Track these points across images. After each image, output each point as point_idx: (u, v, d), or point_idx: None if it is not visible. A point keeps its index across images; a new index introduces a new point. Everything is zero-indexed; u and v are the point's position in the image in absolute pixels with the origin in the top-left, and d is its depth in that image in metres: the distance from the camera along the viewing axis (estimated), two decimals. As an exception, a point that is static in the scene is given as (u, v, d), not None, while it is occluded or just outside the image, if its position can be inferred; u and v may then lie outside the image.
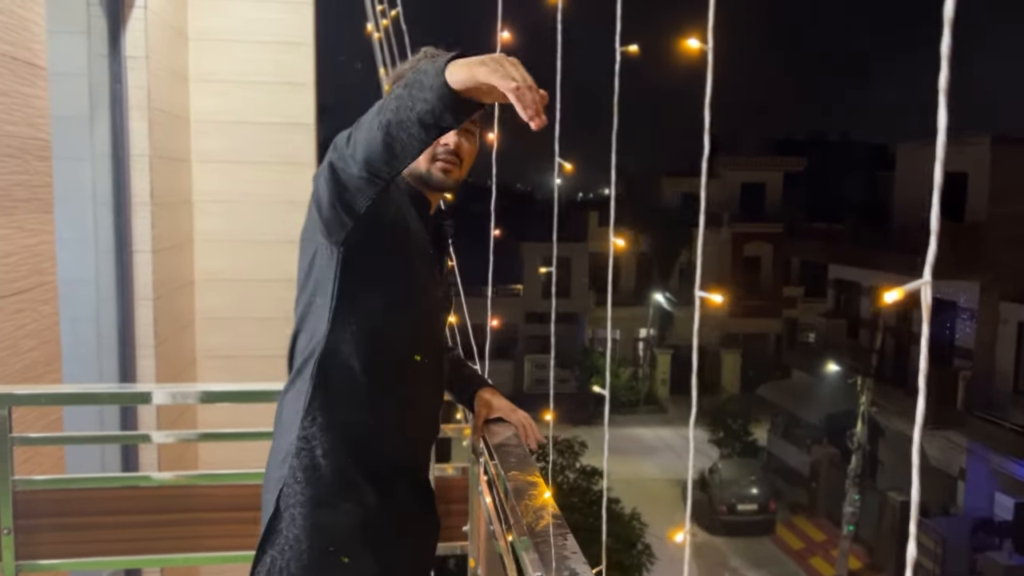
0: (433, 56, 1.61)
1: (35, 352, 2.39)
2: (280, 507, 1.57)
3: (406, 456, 1.73)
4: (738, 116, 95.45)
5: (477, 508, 2.13)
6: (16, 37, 2.30)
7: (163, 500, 2.15)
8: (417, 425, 1.75)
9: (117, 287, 3.67)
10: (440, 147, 1.63)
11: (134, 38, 3.66)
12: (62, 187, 3.14)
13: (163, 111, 3.90)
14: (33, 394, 2.07)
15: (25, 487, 2.03)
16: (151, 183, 3.70)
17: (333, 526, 1.57)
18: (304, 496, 1.56)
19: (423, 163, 1.64)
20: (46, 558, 2.05)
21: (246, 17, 4.44)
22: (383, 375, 1.61)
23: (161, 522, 2.13)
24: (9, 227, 2.25)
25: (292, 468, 1.57)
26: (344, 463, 1.58)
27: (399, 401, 1.66)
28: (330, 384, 1.58)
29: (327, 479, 1.57)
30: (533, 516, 1.32)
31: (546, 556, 1.24)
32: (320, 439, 1.57)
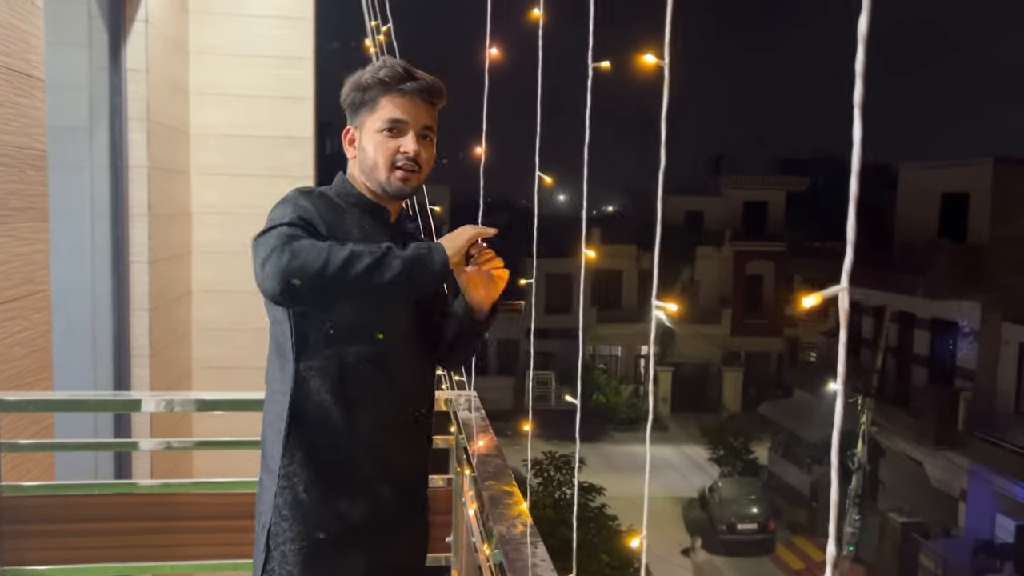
0: (388, 79, 1.64)
1: (26, 360, 2.41)
2: (271, 547, 1.60)
3: (391, 473, 1.71)
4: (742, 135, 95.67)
5: (460, 519, 2.14)
6: (13, 48, 2.34)
7: (151, 508, 2.16)
8: (402, 439, 1.72)
9: (113, 297, 3.70)
10: (400, 155, 1.64)
11: (135, 51, 3.71)
12: (60, 197, 3.18)
13: (162, 123, 3.94)
14: (22, 400, 2.09)
15: (12, 493, 2.04)
16: (149, 194, 3.73)
17: (322, 556, 1.59)
18: (292, 532, 1.59)
19: (383, 172, 1.65)
20: (32, 564, 2.06)
21: (246, 32, 4.49)
22: (357, 400, 1.61)
23: (149, 529, 2.15)
24: (3, 235, 2.27)
25: (277, 507, 1.60)
26: (326, 494, 1.60)
27: (377, 424, 1.65)
28: (304, 418, 1.60)
29: (312, 512, 1.59)
30: (507, 526, 1.33)
31: (517, 566, 1.26)
32: (301, 475, 1.59)
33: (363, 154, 1.67)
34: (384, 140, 1.64)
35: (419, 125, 1.66)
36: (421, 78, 1.67)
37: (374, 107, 1.65)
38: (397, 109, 1.64)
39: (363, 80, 1.67)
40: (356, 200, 1.69)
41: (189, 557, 2.18)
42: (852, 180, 0.55)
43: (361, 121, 1.68)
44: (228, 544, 2.15)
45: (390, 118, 1.64)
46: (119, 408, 2.72)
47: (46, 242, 2.60)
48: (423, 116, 1.67)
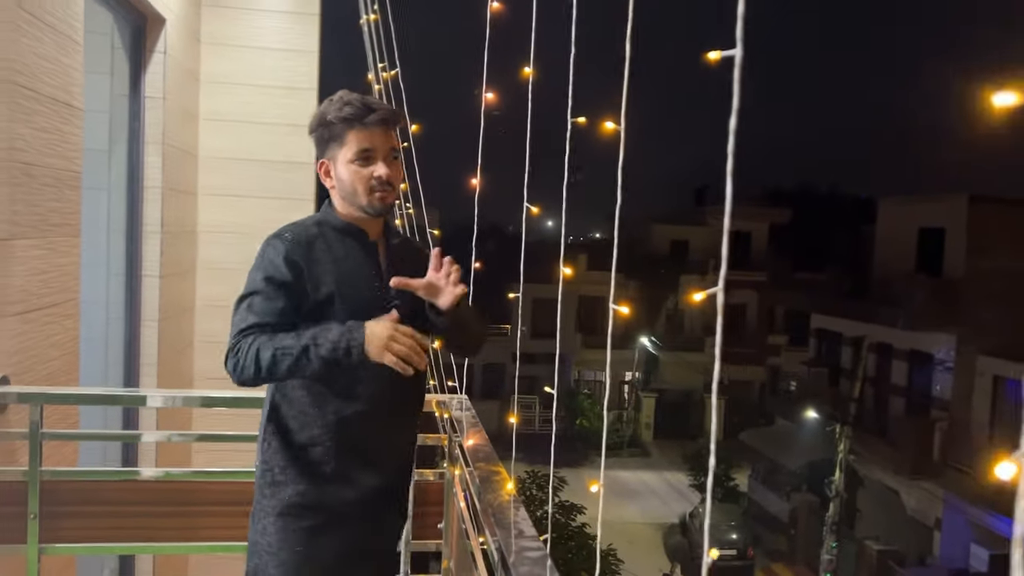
0: (351, 116, 1.79)
1: (58, 361, 2.66)
2: (254, 520, 1.85)
3: (362, 464, 1.85)
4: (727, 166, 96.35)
5: (452, 509, 2.39)
6: (59, 81, 2.61)
7: (168, 494, 2.40)
8: (377, 433, 1.86)
9: (126, 308, 3.94)
10: (375, 180, 1.83)
11: (153, 80, 3.99)
12: (82, 215, 3.43)
13: (175, 147, 4.21)
14: (63, 394, 2.34)
15: (50, 477, 2.29)
16: (162, 213, 4.00)
17: (297, 530, 1.80)
18: (269, 508, 1.82)
19: (363, 196, 1.83)
20: (65, 542, 2.30)
21: (254, 63, 4.78)
22: (332, 399, 1.80)
23: (166, 513, 2.39)
24: (44, 248, 2.53)
25: (260, 487, 1.84)
26: (297, 476, 1.80)
27: (349, 416, 1.81)
28: (280, 409, 1.83)
29: (287, 492, 1.80)
30: (495, 496, 1.59)
31: (503, 523, 1.51)
32: (275, 460, 1.82)
33: (341, 183, 1.85)
34: (358, 169, 1.82)
35: (385, 149, 1.85)
36: (379, 109, 1.84)
37: (343, 141, 1.82)
38: (364, 141, 1.81)
39: (328, 118, 1.82)
40: (336, 224, 1.87)
41: (200, 539, 2.42)
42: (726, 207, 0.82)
43: (333, 154, 1.84)
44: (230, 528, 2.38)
45: (359, 149, 1.81)
46: (144, 403, 2.97)
47: (78, 255, 2.85)
48: (387, 141, 1.85)
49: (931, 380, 17.69)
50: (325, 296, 1.77)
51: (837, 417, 17.72)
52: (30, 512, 2.25)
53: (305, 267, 1.77)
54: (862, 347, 18.80)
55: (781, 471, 21.62)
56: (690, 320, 29.91)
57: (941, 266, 17.68)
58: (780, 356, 28.00)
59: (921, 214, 18.38)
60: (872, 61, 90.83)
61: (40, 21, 2.45)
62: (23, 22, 2.33)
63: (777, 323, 28.90)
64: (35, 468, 2.25)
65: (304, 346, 1.66)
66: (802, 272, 26.29)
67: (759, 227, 29.74)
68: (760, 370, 28.42)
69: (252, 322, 1.71)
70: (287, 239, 1.80)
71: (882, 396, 19.06)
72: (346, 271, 1.82)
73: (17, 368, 2.32)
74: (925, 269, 17.87)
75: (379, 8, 3.80)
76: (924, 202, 18.64)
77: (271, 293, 1.74)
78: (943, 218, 17.58)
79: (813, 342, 22.61)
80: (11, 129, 2.26)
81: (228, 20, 4.74)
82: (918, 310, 17.13)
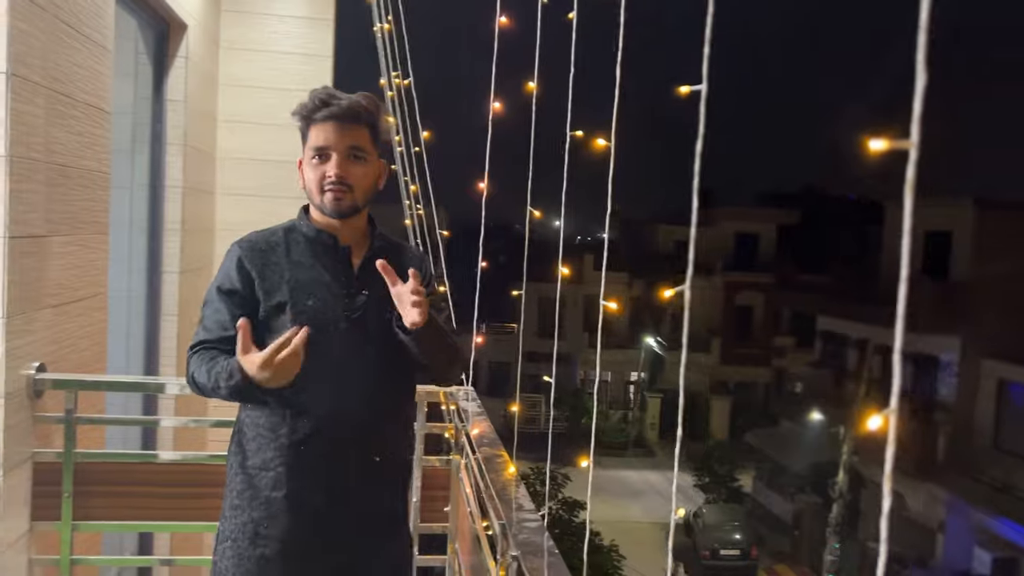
0: (306, 112, 1.76)
1: (88, 351, 2.82)
2: (216, 543, 1.80)
3: (321, 488, 1.74)
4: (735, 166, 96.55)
5: (457, 493, 2.54)
6: (91, 87, 2.77)
7: (185, 475, 2.56)
8: (337, 457, 1.74)
9: (147, 302, 4.10)
10: (325, 180, 1.73)
11: (175, 84, 4.15)
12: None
13: (195, 148, 4.37)
14: (96, 381, 2.50)
15: (82, 459, 2.44)
16: (182, 212, 4.16)
17: (252, 557, 1.73)
18: (227, 531, 1.77)
19: (316, 196, 1.75)
20: (97, 519, 2.46)
21: (270, 66, 4.94)
22: (287, 420, 1.72)
23: (184, 494, 2.54)
24: (76, 245, 2.69)
25: (223, 509, 1.80)
26: (253, 502, 1.73)
27: (304, 441, 1.72)
28: (243, 432, 1.78)
29: (242, 518, 1.74)
30: (500, 487, 1.74)
31: (504, 496, 1.65)
32: (235, 482, 1.76)
33: (304, 183, 1.79)
34: (314, 167, 1.74)
35: (343, 147, 1.72)
36: (335, 104, 1.72)
37: (305, 137, 1.76)
38: (319, 137, 1.72)
39: (294, 112, 1.78)
40: (304, 231, 1.79)
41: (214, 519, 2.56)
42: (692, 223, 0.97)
43: (303, 155, 1.78)
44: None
45: (314, 146, 1.73)
46: (156, 390, 3.16)
47: (106, 251, 3.02)
48: (346, 138, 1.72)
49: (935, 384, 17.77)
50: (277, 304, 1.71)
51: (841, 419, 17.83)
52: (64, 491, 2.41)
53: (257, 276, 1.72)
54: (867, 349, 18.88)
55: (785, 472, 21.72)
56: (696, 321, 30.01)
57: (947, 269, 17.76)
58: (786, 358, 28.06)
59: (928, 217, 18.46)
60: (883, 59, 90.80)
61: (76, 31, 2.61)
62: (62, 33, 2.48)
63: (783, 325, 28.95)
64: (69, 450, 2.41)
65: (215, 383, 1.65)
66: (809, 274, 26.35)
67: (767, 228, 29.82)
68: (765, 371, 28.49)
69: (198, 339, 1.75)
70: (245, 245, 1.77)
71: (886, 398, 19.11)
72: (304, 279, 1.74)
73: (52, 357, 2.48)
74: (931, 272, 17.94)
75: (392, 17, 3.95)
76: (931, 206, 18.72)
77: (219, 304, 1.73)
78: (950, 221, 17.66)
79: (819, 344, 22.71)
80: (49, 133, 2.42)
81: (246, 25, 4.90)
82: (923, 313, 17.21)
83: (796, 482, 20.81)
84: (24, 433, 2.34)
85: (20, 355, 2.28)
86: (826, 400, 20.25)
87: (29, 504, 2.40)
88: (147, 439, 3.88)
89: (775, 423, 24.36)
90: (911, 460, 16.94)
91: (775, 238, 29.76)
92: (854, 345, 20.30)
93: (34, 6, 2.28)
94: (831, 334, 21.96)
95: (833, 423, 18.59)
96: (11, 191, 2.16)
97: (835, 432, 17.94)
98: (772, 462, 22.52)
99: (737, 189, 39.70)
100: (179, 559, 2.93)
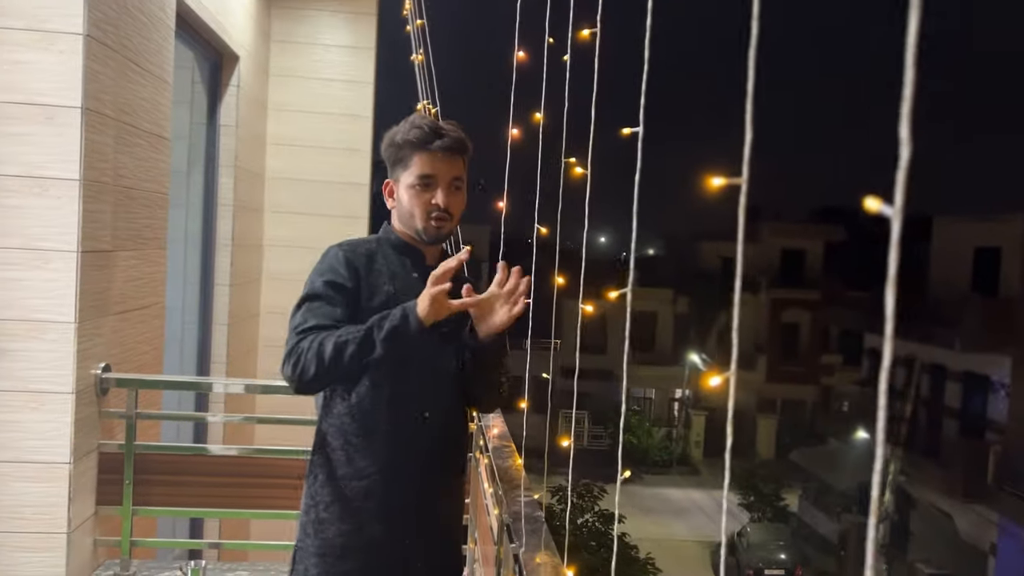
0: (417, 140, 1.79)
1: (147, 356, 3.11)
2: (296, 560, 1.78)
3: (412, 496, 1.78)
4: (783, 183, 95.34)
5: (477, 489, 2.76)
6: (153, 117, 3.08)
7: (234, 467, 2.82)
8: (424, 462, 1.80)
9: (199, 313, 4.42)
10: (432, 206, 1.80)
11: (227, 110, 4.48)
12: (165, 229, 3.92)
13: (246, 169, 4.70)
14: (155, 380, 2.79)
15: (142, 451, 2.72)
16: (233, 228, 4.47)
17: (340, 573, 1.73)
18: (313, 548, 1.74)
19: (420, 222, 1.81)
20: (155, 505, 2.74)
21: (317, 93, 5.27)
22: (380, 427, 1.75)
23: (232, 483, 2.80)
24: (138, 259, 2.99)
25: (303, 525, 1.77)
26: (345, 513, 1.73)
27: (399, 449, 1.76)
28: (328, 442, 1.77)
29: (330, 531, 1.73)
30: (503, 460, 1.95)
31: (517, 520, 1.85)
32: (321, 495, 1.74)
33: (400, 205, 1.83)
34: (418, 193, 1.80)
35: (448, 178, 1.81)
36: (446, 135, 1.81)
37: (407, 164, 1.80)
38: (427, 166, 1.79)
39: (396, 139, 1.82)
40: (394, 243, 1.86)
41: (259, 506, 2.82)
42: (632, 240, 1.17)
43: (397, 176, 1.83)
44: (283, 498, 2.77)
45: (421, 174, 1.79)
46: (206, 389, 3.47)
47: (164, 265, 3.32)
48: (451, 169, 1.82)
49: (986, 402, 17.43)
50: (378, 304, 1.74)
51: (888, 438, 17.58)
52: (125, 479, 2.69)
53: (364, 274, 1.77)
54: (913, 367, 18.61)
55: (831, 491, 21.43)
56: (742, 338, 29.67)
57: (996, 286, 17.46)
58: (833, 376, 27.69)
59: (976, 233, 18.18)
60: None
61: (140, 67, 2.91)
62: (128, 70, 2.79)
63: (830, 342, 28.60)
64: (130, 443, 2.69)
65: (367, 328, 1.64)
66: (856, 291, 26.03)
67: (814, 245, 29.54)
68: (812, 389, 28.14)
69: (312, 324, 1.68)
70: (346, 247, 1.81)
71: (935, 418, 18.82)
72: (400, 286, 1.80)
73: (116, 359, 2.77)
74: (980, 289, 17.66)
75: (423, 49, 4.23)
76: (979, 221, 18.43)
77: (331, 298, 1.72)
78: (999, 237, 17.38)
79: (866, 362, 22.42)
80: (117, 159, 2.72)
81: (293, 55, 5.24)
82: (973, 331, 16.93)
83: (842, 502, 20.52)
84: (91, 426, 2.63)
85: (89, 356, 2.57)
86: (873, 418, 19.96)
87: (94, 491, 2.68)
88: (198, 434, 4.20)
89: (822, 442, 24.05)
90: (960, 481, 16.63)
91: (822, 254, 29.47)
92: (901, 363, 20.02)
93: (106, 48, 2.58)
94: (878, 352, 21.67)
95: (879, 442, 18.33)
96: (84, 211, 2.46)
97: (882, 451, 17.67)
98: (818, 481, 22.24)
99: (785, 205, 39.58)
100: (227, 543, 3.20)
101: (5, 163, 2.39)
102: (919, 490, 17.96)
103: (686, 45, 26.31)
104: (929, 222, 20.84)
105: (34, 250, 2.42)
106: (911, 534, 18.70)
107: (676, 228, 32.32)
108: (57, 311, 2.44)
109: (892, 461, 16.97)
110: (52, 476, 2.47)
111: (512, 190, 2.84)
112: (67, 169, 2.42)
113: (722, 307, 28.79)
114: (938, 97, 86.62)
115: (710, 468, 27.67)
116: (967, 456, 16.75)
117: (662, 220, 37.63)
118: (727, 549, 20.39)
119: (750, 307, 29.00)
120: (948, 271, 18.82)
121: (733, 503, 22.79)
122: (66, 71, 2.41)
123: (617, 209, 1.97)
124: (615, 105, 1.62)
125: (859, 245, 29.82)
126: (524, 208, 2.98)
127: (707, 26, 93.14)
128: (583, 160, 1.82)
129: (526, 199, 2.63)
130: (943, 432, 18.43)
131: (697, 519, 23.18)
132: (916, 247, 21.53)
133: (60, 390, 2.46)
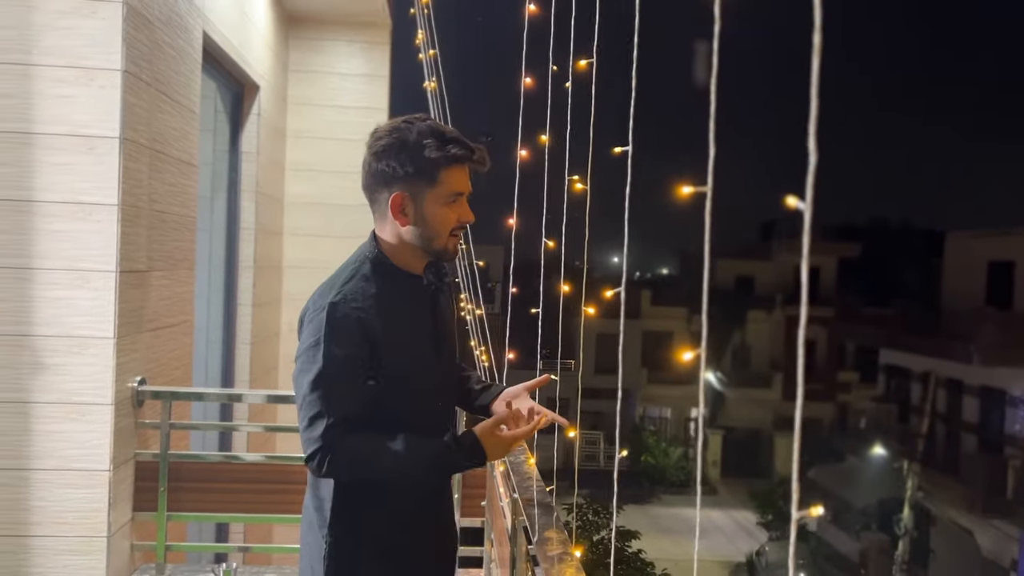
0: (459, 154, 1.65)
1: (177, 371, 3.28)
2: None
3: (431, 521, 1.76)
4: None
5: (492, 491, 2.89)
6: (182, 146, 3.27)
7: (259, 474, 2.97)
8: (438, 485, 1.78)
9: (223, 332, 4.59)
10: (457, 223, 1.68)
11: (249, 138, 4.68)
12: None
13: (266, 194, 4.89)
14: (187, 392, 2.95)
15: (175, 459, 2.88)
16: (255, 251, 4.66)
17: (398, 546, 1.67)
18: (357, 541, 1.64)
19: (444, 239, 1.68)
20: (186, 511, 2.89)
21: (333, 120, 5.48)
22: None
23: (257, 489, 2.95)
24: (169, 279, 3.17)
25: (322, 559, 1.63)
26: (371, 555, 1.65)
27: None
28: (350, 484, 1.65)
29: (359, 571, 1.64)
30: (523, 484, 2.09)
31: (531, 519, 1.98)
32: (347, 540, 1.63)
33: (423, 224, 1.65)
34: (448, 212, 1.65)
35: (467, 194, 1.70)
36: (478, 150, 1.68)
37: (433, 178, 1.62)
38: (461, 182, 1.66)
39: (425, 153, 1.61)
40: (390, 272, 1.68)
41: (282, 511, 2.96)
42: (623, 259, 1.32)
43: (417, 191, 1.63)
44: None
45: (454, 191, 1.65)
46: (232, 400, 3.64)
47: (192, 285, 3.50)
48: (470, 185, 1.71)
49: (1003, 417, 17.35)
50: (397, 354, 1.62)
51: (906, 454, 17.52)
52: (160, 486, 2.85)
53: (380, 331, 1.60)
54: (929, 383, 18.57)
55: (850, 509, 21.30)
56: (757, 356, 29.74)
57: (1011, 299, 17.45)
58: (850, 393, 27.58)
59: (990, 247, 18.20)
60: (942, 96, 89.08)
61: (171, 99, 3.11)
62: (161, 102, 2.99)
63: (846, 359, 28.51)
64: (165, 451, 2.85)
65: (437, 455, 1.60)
66: (871, 307, 26.00)
67: (827, 262, 29.55)
68: (829, 407, 28.02)
69: (338, 416, 1.55)
70: (353, 304, 1.61)
71: (953, 433, 18.74)
72: (413, 325, 1.70)
73: (150, 373, 2.93)
74: (995, 303, 17.65)
75: (436, 77, 4.42)
76: (993, 236, 18.46)
77: (353, 372, 1.57)
78: (1013, 251, 17.40)
79: (882, 378, 22.36)
80: (151, 186, 2.90)
81: (311, 84, 5.45)
82: (988, 345, 16.90)
83: (862, 519, 20.39)
84: (129, 436, 2.79)
85: (126, 370, 2.74)
86: (890, 435, 19.90)
87: (131, 497, 2.84)
88: (223, 443, 4.38)
89: (840, 459, 23.92)
90: (980, 497, 16.53)
91: (836, 271, 29.47)
92: (917, 379, 19.96)
93: (140, 82, 2.78)
94: (894, 368, 21.61)
95: (897, 458, 18.26)
96: (122, 233, 2.64)
97: (899, 467, 17.61)
98: (837, 498, 22.11)
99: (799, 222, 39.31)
100: (254, 546, 3.35)
101: (50, 191, 2.58)
102: (938, 506, 17.85)
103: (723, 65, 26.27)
104: (942, 237, 20.88)
105: (76, 271, 2.60)
106: (932, 552, 18.56)
107: (689, 246, 32.38)
108: (97, 328, 2.61)
109: (910, 477, 16.89)
110: (93, 483, 2.62)
111: (521, 210, 2.96)
112: (106, 195, 2.60)
113: (738, 325, 28.79)
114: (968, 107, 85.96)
115: (728, 488, 27.51)
116: (986, 471, 16.67)
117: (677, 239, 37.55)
118: (746, 569, 20.30)
119: (765, 325, 28.99)
120: (962, 285, 18.83)
121: (751, 522, 22.69)
122: (105, 104, 2.59)
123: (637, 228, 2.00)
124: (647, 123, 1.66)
125: (873, 261, 29.84)
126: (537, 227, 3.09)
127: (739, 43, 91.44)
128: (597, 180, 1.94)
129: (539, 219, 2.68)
130: (961, 447, 18.34)
131: (715, 539, 23.04)
132: (930, 262, 21.54)
133: (100, 402, 2.62)
